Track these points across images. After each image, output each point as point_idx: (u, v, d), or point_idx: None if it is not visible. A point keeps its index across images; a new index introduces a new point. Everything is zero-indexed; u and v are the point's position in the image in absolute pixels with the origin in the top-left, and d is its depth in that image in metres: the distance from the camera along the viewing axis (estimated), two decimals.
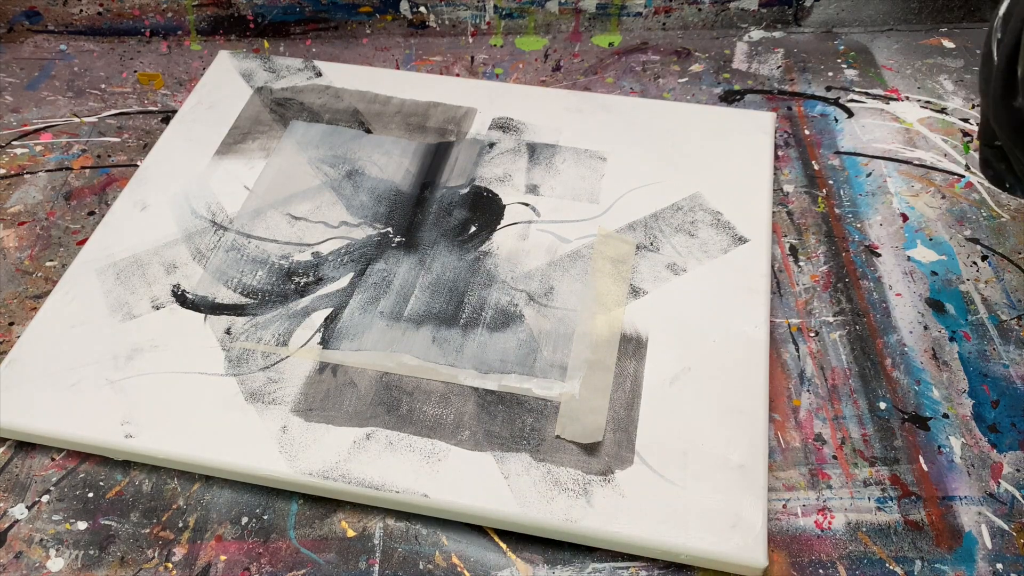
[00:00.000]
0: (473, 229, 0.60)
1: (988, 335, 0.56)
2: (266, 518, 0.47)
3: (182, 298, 0.56)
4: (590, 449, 0.48)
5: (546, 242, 0.59)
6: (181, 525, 0.47)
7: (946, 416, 0.52)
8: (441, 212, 0.61)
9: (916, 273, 0.59)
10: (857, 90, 0.73)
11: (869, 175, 0.66)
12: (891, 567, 0.46)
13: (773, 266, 0.59)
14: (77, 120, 0.71)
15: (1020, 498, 0.48)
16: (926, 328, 0.56)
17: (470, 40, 0.79)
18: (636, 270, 0.57)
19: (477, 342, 0.53)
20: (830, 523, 0.47)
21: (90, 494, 0.48)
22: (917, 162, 0.67)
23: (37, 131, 0.70)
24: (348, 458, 0.48)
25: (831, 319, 0.57)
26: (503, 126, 0.67)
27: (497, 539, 0.47)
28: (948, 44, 0.78)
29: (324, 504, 0.48)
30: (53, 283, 0.58)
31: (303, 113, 0.68)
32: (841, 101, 0.72)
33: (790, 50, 0.77)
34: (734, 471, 0.47)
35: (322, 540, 0.47)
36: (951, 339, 0.55)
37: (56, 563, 0.46)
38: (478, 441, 0.49)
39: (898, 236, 0.62)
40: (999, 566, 0.45)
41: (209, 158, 0.64)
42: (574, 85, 0.74)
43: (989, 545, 0.46)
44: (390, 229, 0.60)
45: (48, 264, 0.60)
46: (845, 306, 0.57)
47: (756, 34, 0.79)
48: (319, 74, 0.72)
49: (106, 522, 0.47)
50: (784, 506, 0.48)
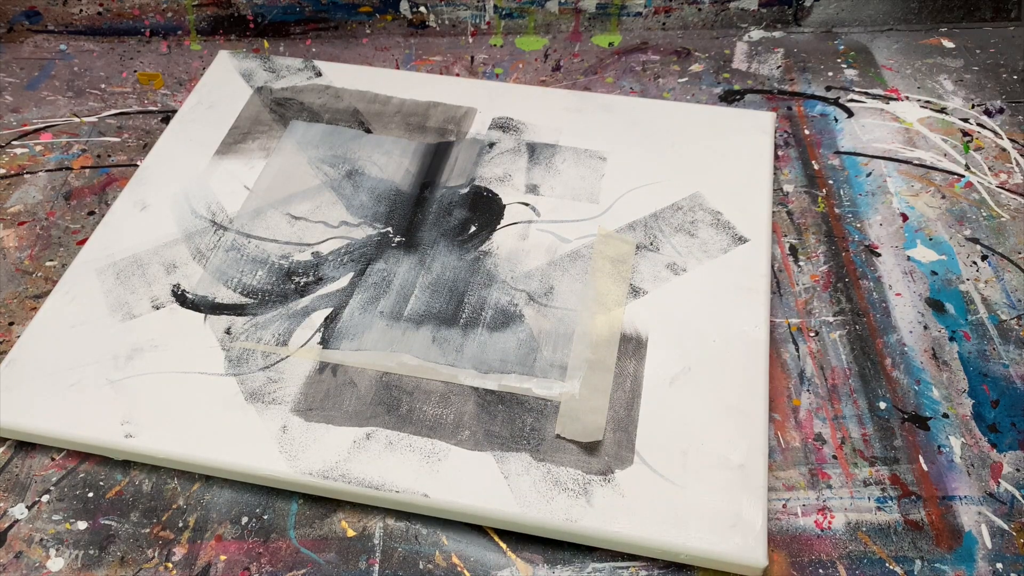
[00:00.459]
0: (473, 229, 0.60)
1: (988, 335, 0.56)
2: (266, 518, 0.47)
3: (182, 298, 0.56)
4: (590, 449, 0.48)
5: (546, 242, 0.59)
6: (181, 525, 0.47)
7: (946, 416, 0.52)
8: (441, 212, 0.61)
9: (916, 273, 0.59)
10: (857, 90, 0.73)
11: (869, 175, 0.66)
12: (891, 567, 0.46)
13: (773, 266, 0.59)
14: (77, 120, 0.71)
15: (1020, 498, 0.48)
16: (926, 328, 0.56)
17: (470, 40, 0.79)
18: (636, 270, 0.57)
19: (477, 342, 0.53)
20: (830, 523, 0.47)
21: (90, 494, 0.48)
22: (917, 162, 0.67)
23: (37, 131, 0.70)
24: (348, 458, 0.48)
25: (831, 319, 0.57)
26: (503, 126, 0.67)
27: (497, 539, 0.47)
28: (948, 44, 0.78)
29: (324, 504, 0.48)
30: (53, 283, 0.58)
31: (303, 113, 0.68)
32: (841, 101, 0.72)
33: (790, 50, 0.77)
34: (734, 471, 0.47)
35: (322, 540, 0.47)
36: (951, 339, 0.55)
37: (56, 563, 0.46)
38: (478, 441, 0.49)
39: (898, 236, 0.62)
40: (999, 566, 0.45)
41: (209, 158, 0.64)
42: (574, 85, 0.74)
43: (989, 545, 0.46)
44: (390, 229, 0.60)
45: (48, 264, 0.60)
46: (845, 306, 0.57)
47: (756, 34, 0.79)
48: (319, 74, 0.72)
49: (106, 522, 0.47)
50: (784, 506, 0.48)
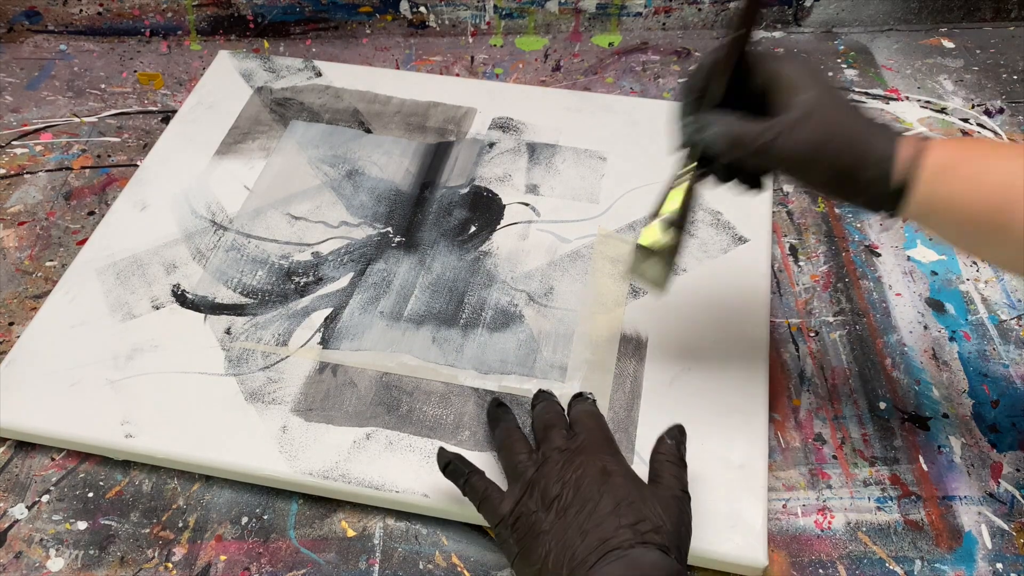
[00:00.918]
0: (473, 229, 0.60)
1: (988, 335, 0.56)
2: (266, 518, 0.47)
3: (182, 298, 0.56)
4: None
5: (546, 242, 0.59)
6: (181, 525, 0.47)
7: (946, 416, 0.52)
8: (441, 212, 0.61)
9: (916, 273, 0.59)
10: (857, 90, 0.73)
11: None
12: (891, 567, 0.46)
13: (773, 266, 0.59)
14: (77, 120, 0.71)
15: (1020, 498, 0.48)
16: (926, 328, 0.56)
17: (470, 40, 0.79)
18: None
19: (477, 342, 0.53)
20: (830, 523, 0.47)
21: (90, 494, 0.48)
22: None
23: (37, 131, 0.70)
24: (348, 458, 0.48)
25: (831, 319, 0.57)
26: (503, 126, 0.67)
27: None
28: (948, 44, 0.78)
29: (324, 504, 0.48)
30: (53, 283, 0.58)
31: (303, 113, 0.68)
32: None
33: (790, 50, 0.77)
34: (734, 471, 0.47)
35: (322, 540, 0.47)
36: (951, 339, 0.55)
37: (56, 563, 0.46)
38: (478, 441, 0.49)
39: (898, 236, 0.61)
40: (999, 566, 0.45)
41: (209, 158, 0.64)
42: (574, 85, 0.74)
43: (989, 545, 0.46)
44: (390, 229, 0.60)
45: (48, 264, 0.60)
46: (845, 306, 0.57)
47: (756, 34, 0.79)
48: (319, 74, 0.71)
49: (106, 522, 0.47)
50: (784, 506, 0.48)
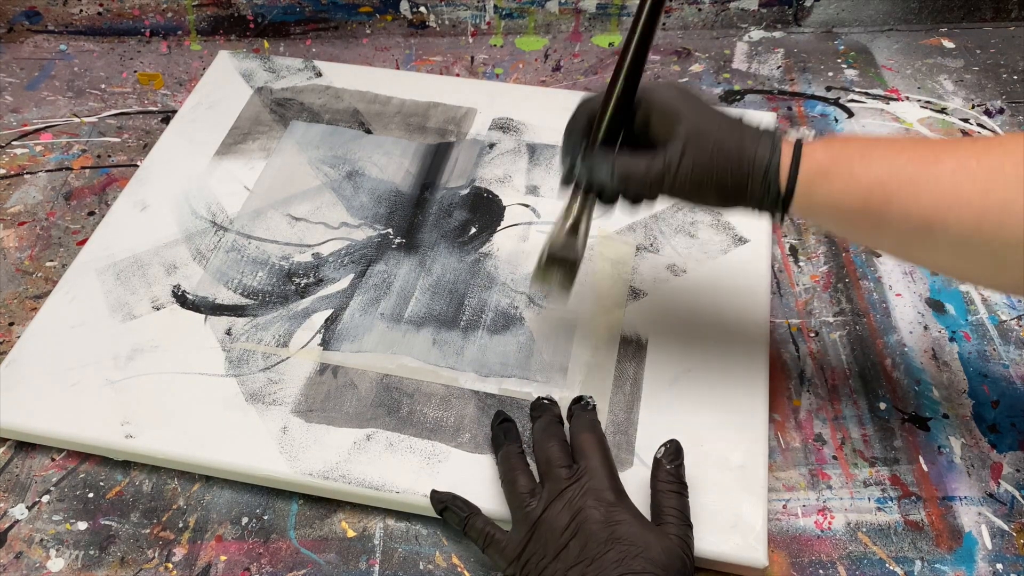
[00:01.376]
0: (473, 230, 0.60)
1: (988, 335, 0.56)
2: (266, 518, 0.47)
3: (182, 299, 0.56)
4: None
5: None
6: (181, 525, 0.47)
7: (946, 416, 0.52)
8: (441, 213, 0.61)
9: (916, 273, 0.59)
10: (857, 90, 0.73)
11: None
12: (891, 567, 0.46)
13: (773, 266, 0.59)
14: (77, 120, 0.71)
15: (1020, 498, 0.48)
16: (926, 328, 0.56)
17: (470, 40, 0.79)
18: (636, 271, 0.57)
19: (477, 345, 0.53)
20: (830, 523, 0.47)
21: (90, 494, 0.48)
22: None
23: (37, 131, 0.70)
24: (348, 459, 0.48)
25: (831, 319, 0.57)
26: (503, 126, 0.67)
27: None
28: (948, 44, 0.78)
29: (324, 504, 0.48)
30: (53, 283, 0.58)
31: (303, 113, 0.68)
32: (841, 101, 0.72)
33: (790, 50, 0.77)
34: (734, 471, 0.47)
35: (322, 540, 0.47)
36: (951, 339, 0.55)
37: (56, 563, 0.46)
38: (478, 444, 0.49)
39: None
40: (999, 566, 0.45)
41: (209, 158, 0.64)
42: (574, 85, 0.74)
43: (989, 545, 0.46)
44: (390, 230, 0.60)
45: (48, 264, 0.60)
46: (845, 306, 0.57)
47: (756, 34, 0.79)
48: (319, 74, 0.71)
49: (106, 522, 0.47)
50: (784, 506, 0.48)
